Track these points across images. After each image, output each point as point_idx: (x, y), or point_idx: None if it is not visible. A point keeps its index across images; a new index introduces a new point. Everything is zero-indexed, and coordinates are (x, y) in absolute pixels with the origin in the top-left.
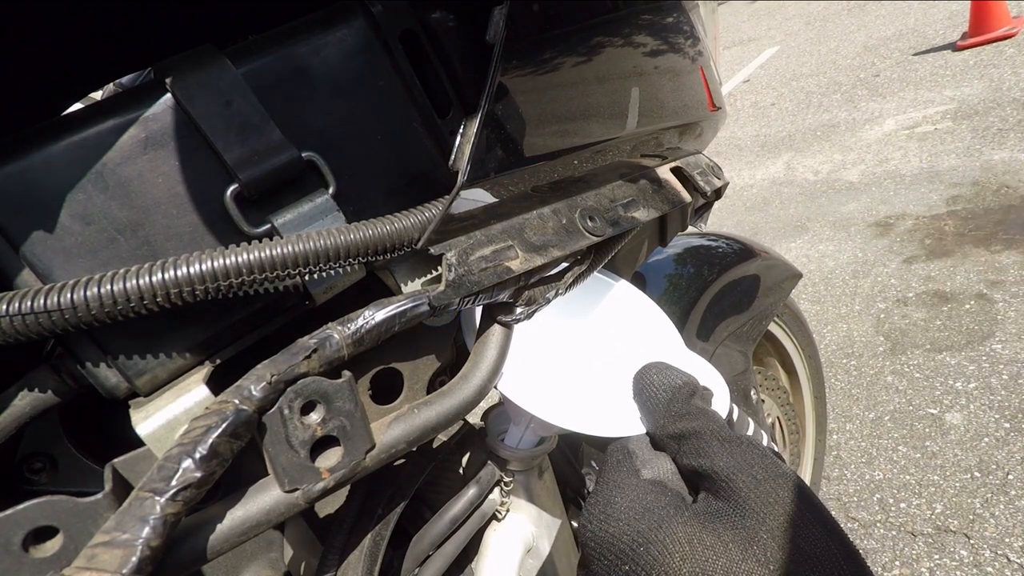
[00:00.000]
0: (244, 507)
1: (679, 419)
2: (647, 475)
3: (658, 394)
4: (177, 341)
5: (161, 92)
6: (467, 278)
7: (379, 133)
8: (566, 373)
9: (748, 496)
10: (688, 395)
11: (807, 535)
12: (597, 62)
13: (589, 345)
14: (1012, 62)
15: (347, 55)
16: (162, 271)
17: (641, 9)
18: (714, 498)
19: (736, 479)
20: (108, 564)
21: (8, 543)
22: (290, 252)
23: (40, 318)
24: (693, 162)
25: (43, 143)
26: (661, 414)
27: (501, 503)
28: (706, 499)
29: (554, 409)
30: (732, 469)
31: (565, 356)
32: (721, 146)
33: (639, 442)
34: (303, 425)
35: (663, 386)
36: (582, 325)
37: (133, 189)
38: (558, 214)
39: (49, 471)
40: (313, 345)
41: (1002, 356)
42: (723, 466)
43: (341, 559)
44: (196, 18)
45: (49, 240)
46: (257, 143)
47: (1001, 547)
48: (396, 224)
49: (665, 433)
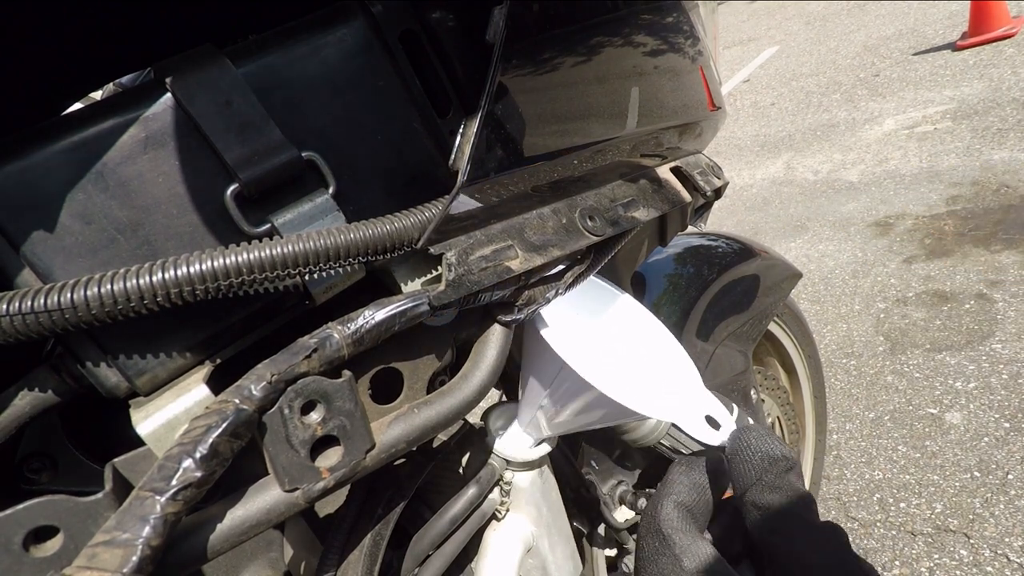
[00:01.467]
0: (244, 507)
1: (771, 491)
2: (689, 566)
3: (754, 459)
4: (177, 341)
5: (161, 92)
6: (467, 278)
7: (379, 133)
8: (605, 346)
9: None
10: (785, 469)
11: None
12: (597, 62)
13: (615, 342)
14: (1012, 62)
15: (347, 55)
16: (162, 271)
17: (641, 9)
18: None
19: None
20: (108, 563)
21: (8, 543)
22: (290, 252)
23: (40, 318)
24: (693, 162)
25: (43, 143)
26: (753, 479)
27: (501, 503)
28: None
29: (598, 374)
30: (807, 561)
31: (598, 336)
32: (721, 146)
33: (674, 526)
34: (303, 425)
35: (761, 452)
36: (603, 331)
37: (133, 189)
38: (558, 214)
39: (49, 471)
40: (313, 345)
41: (1002, 356)
42: (798, 555)
43: (341, 559)
44: (196, 18)
45: (49, 240)
46: (257, 143)
47: (1001, 547)
48: (396, 224)
49: (751, 499)
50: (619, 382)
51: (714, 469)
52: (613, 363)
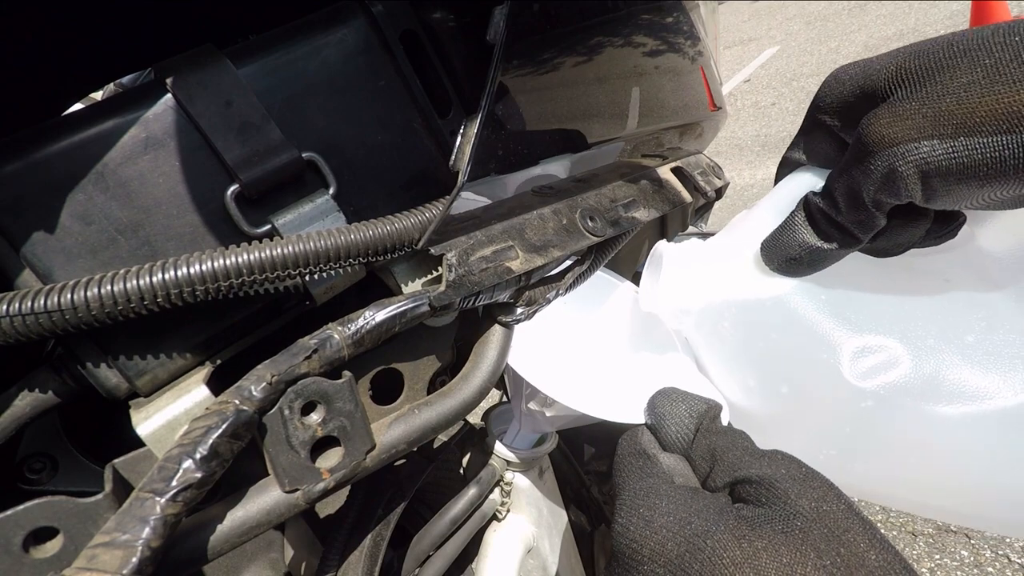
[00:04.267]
0: (244, 507)
1: (708, 437)
2: (680, 481)
3: (683, 420)
4: (177, 341)
5: (161, 92)
6: (467, 278)
7: (379, 133)
8: (574, 357)
9: (793, 499)
10: (712, 419)
11: (860, 541)
12: (597, 62)
13: (595, 337)
14: None
15: (348, 55)
16: (162, 271)
17: (641, 9)
18: (756, 505)
19: (778, 484)
20: (108, 565)
21: (8, 544)
22: (290, 252)
23: (40, 319)
24: (694, 162)
25: (43, 143)
26: (689, 440)
27: (501, 503)
28: (747, 507)
29: (562, 387)
30: (772, 475)
31: (572, 343)
32: (721, 146)
33: (653, 445)
34: (303, 425)
35: (687, 412)
36: (590, 320)
37: (133, 189)
38: (558, 214)
39: (49, 471)
40: (313, 345)
41: None
42: (762, 474)
43: (341, 559)
44: (196, 18)
45: (49, 240)
46: (257, 143)
47: (1002, 547)
48: (396, 224)
49: (697, 453)
50: (575, 385)
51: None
52: (582, 363)
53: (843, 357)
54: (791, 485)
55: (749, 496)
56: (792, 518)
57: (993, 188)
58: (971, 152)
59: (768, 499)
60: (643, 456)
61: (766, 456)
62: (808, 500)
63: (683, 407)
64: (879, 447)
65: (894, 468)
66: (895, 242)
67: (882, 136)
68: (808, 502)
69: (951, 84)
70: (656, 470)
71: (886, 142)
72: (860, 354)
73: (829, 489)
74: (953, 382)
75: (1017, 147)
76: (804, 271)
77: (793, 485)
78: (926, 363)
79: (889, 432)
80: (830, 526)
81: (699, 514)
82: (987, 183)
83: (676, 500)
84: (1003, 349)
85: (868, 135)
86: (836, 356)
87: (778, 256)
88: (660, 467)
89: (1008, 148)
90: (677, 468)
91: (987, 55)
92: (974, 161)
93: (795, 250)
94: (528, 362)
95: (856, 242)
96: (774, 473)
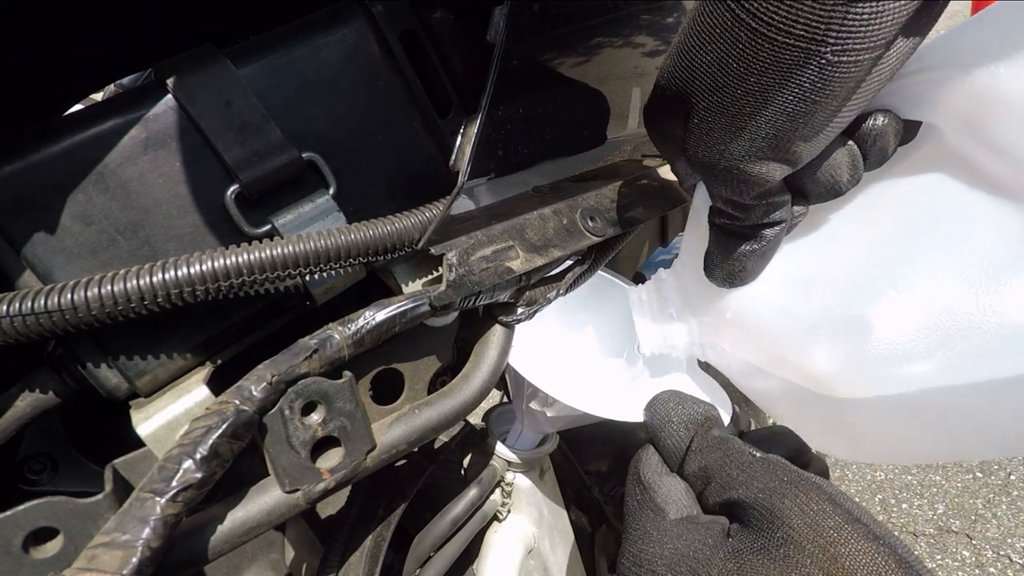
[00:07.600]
0: (245, 508)
1: (701, 454)
2: (673, 514)
3: (679, 431)
4: (178, 341)
5: (162, 92)
6: (468, 278)
7: (379, 133)
8: (575, 357)
9: (780, 521)
10: (708, 429)
11: (852, 550)
12: (598, 62)
13: (596, 337)
14: None
15: (347, 55)
16: (163, 272)
17: (641, 9)
18: (748, 529)
19: (763, 505)
20: (108, 565)
21: (8, 544)
22: (290, 252)
23: (41, 319)
24: None
25: (43, 143)
26: (681, 453)
27: (502, 504)
28: (740, 531)
29: (563, 386)
30: (757, 495)
31: (573, 343)
32: None
33: (654, 470)
34: (304, 426)
35: (682, 422)
36: (590, 320)
37: (134, 190)
38: (559, 214)
39: (49, 472)
40: (314, 345)
41: None
42: (747, 494)
43: (342, 560)
44: (196, 18)
45: (49, 241)
46: (257, 143)
47: (1003, 547)
48: (396, 224)
49: (691, 472)
50: (576, 384)
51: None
52: (583, 363)
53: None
54: (783, 501)
55: (743, 517)
56: (785, 544)
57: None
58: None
59: (760, 521)
60: (640, 485)
61: (759, 467)
62: (802, 517)
63: (678, 417)
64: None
65: None
66: (823, 188)
67: (702, 159)
68: (802, 519)
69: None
70: (652, 503)
71: (712, 160)
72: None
73: (817, 496)
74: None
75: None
76: (751, 276)
77: (785, 501)
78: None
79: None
80: (821, 544)
81: (691, 551)
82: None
83: (668, 536)
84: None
85: (694, 162)
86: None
87: (719, 278)
88: (655, 500)
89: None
90: (673, 495)
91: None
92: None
93: (730, 265)
94: (529, 361)
95: (776, 224)
96: (765, 488)
